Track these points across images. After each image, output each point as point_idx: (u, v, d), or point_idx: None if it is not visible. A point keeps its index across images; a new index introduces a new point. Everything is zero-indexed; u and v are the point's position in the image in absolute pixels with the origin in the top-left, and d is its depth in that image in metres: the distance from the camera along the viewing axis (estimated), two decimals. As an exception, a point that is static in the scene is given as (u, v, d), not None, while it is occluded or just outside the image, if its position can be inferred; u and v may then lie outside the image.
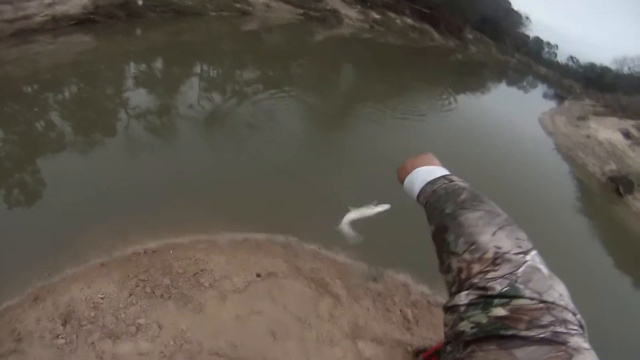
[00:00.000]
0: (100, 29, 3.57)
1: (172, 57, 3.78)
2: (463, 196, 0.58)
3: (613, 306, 3.20)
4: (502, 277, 0.42)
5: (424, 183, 0.68)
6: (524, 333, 0.36)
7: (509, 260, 0.44)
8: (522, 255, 0.45)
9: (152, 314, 2.20)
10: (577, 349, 0.35)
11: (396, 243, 3.11)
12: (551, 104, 7.71)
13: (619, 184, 4.74)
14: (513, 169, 4.38)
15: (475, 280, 0.44)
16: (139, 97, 3.17)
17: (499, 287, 0.41)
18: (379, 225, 3.42)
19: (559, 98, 8.77)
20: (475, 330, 0.40)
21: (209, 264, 2.42)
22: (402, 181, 0.78)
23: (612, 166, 5.35)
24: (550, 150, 5.29)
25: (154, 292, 2.26)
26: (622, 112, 8.52)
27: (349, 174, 3.42)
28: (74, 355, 1.93)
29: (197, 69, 3.81)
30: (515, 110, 6.12)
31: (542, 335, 0.36)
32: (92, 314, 2.11)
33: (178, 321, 2.21)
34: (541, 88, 8.68)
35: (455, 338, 0.42)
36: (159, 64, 3.69)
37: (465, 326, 0.41)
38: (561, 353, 0.34)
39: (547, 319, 0.37)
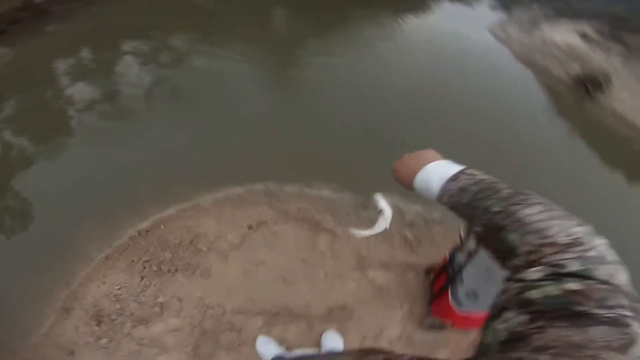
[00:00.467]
0: (11, 37, 3.43)
1: (95, 42, 3.67)
2: (506, 191, 0.56)
3: (600, 202, 3.37)
4: (575, 258, 0.43)
5: (444, 180, 0.65)
6: (594, 311, 0.37)
7: (581, 244, 0.45)
8: (592, 239, 0.46)
9: (168, 290, 2.39)
10: (639, 334, 0.36)
11: (375, 168, 3.23)
12: (500, 15, 7.70)
13: (587, 84, 4.76)
14: (477, 85, 4.37)
15: (547, 260, 0.45)
16: (81, 91, 3.16)
17: (572, 266, 0.42)
18: (354, 152, 3.36)
19: (506, 8, 8.45)
20: (545, 300, 0.40)
21: (201, 229, 2.56)
22: (404, 179, 0.76)
23: (576, 68, 5.32)
24: (509, 60, 5.30)
25: (161, 269, 2.44)
26: (574, 15, 8.31)
27: (312, 113, 3.50)
28: (119, 350, 2.13)
29: (127, 47, 3.71)
30: (464, 26, 6.04)
31: (609, 315, 0.37)
32: (117, 306, 2.29)
33: (193, 290, 2.40)
34: (486, 1, 8.20)
35: (520, 306, 0.42)
36: (85, 53, 3.59)
37: (534, 294, 0.41)
38: (626, 336, 0.35)
39: (613, 300, 0.38)
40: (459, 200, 0.62)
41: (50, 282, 2.27)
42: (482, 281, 2.11)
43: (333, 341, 2.30)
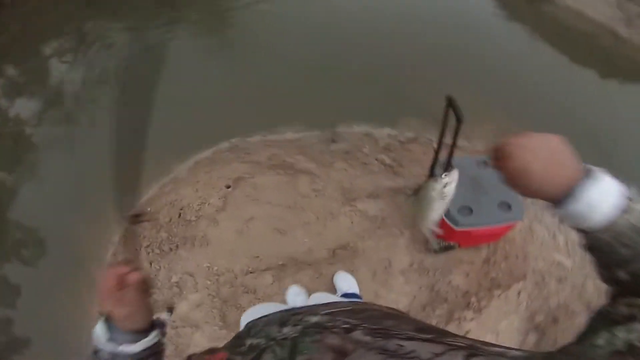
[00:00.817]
0: None
1: (13, 56, 3.58)
2: None
3: (581, 102, 3.30)
4: None
5: (616, 209, 0.49)
6: None
7: None
8: None
9: (177, 268, 2.45)
10: None
11: (332, 101, 3.06)
12: None
13: (535, -19, 4.40)
14: (419, 6, 4.12)
15: None
16: (24, 107, 3.17)
17: None
18: (308, 90, 3.30)
19: None
20: None
21: (183, 200, 2.54)
22: (535, 182, 0.53)
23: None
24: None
25: (163, 250, 2.50)
26: None
27: (254, 62, 3.42)
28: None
29: (48, 51, 3.60)
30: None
31: None
32: (141, 297, 2.42)
33: (199, 261, 2.43)
34: None
35: None
36: (8, 70, 3.57)
37: None
38: None
39: None
40: (622, 240, 0.49)
41: (80, 299, 2.37)
42: (471, 193, 2.01)
43: (345, 282, 2.24)
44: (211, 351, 0.59)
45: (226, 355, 0.55)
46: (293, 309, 0.76)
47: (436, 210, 0.73)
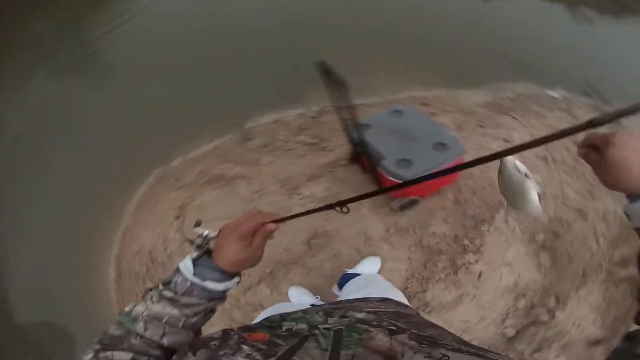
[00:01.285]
0: None
1: None
2: None
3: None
4: None
5: None
6: None
7: None
8: None
9: None
10: None
11: (228, 96, 3.04)
12: None
13: None
14: None
15: None
16: None
17: None
18: (208, 96, 3.28)
19: None
20: None
21: (147, 245, 2.46)
22: (611, 171, 0.56)
23: None
24: None
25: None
26: None
27: (140, 87, 3.39)
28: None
29: None
30: None
31: None
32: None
33: None
34: None
35: None
36: None
37: None
38: None
39: None
40: None
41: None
42: (402, 145, 1.93)
43: (369, 267, 2.10)
44: (248, 328, 0.56)
45: (267, 336, 0.52)
46: (331, 304, 0.80)
47: (529, 191, 0.69)
